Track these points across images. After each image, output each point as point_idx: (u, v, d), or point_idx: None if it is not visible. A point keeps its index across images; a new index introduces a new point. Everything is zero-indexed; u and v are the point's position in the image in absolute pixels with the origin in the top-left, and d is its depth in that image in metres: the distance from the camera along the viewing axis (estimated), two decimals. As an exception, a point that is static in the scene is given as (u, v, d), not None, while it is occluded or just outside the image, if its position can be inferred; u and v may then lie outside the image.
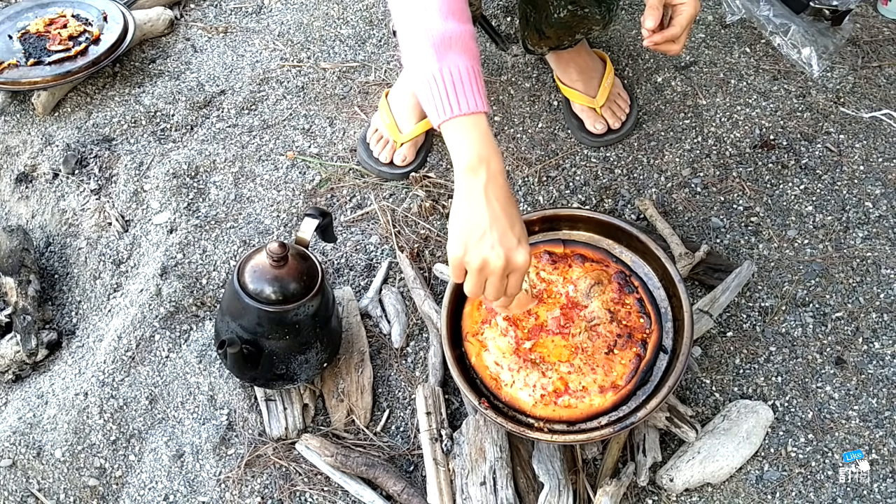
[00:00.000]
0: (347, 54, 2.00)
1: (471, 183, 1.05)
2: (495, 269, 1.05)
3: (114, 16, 1.98)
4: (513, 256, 1.05)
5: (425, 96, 1.07)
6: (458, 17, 1.07)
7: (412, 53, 1.08)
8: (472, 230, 1.05)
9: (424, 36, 1.06)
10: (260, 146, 1.81)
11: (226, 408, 1.41)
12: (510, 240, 1.05)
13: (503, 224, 1.05)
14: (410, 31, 1.08)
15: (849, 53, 1.91)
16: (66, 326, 1.57)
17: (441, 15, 1.06)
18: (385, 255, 1.60)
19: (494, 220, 1.04)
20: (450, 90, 1.05)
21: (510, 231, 1.05)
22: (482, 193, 1.04)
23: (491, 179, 1.05)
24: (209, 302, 1.55)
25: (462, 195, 1.05)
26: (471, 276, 1.07)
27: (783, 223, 1.61)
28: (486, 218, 1.04)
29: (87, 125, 1.86)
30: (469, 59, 1.06)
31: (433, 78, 1.05)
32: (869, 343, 1.44)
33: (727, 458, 1.28)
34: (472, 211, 1.05)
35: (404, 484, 1.29)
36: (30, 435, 1.38)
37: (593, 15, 1.54)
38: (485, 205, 1.04)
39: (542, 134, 1.78)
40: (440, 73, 1.05)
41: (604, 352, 1.25)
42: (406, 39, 1.09)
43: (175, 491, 1.33)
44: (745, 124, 1.77)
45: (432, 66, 1.05)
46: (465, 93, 1.05)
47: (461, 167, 1.05)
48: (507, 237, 1.05)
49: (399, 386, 1.44)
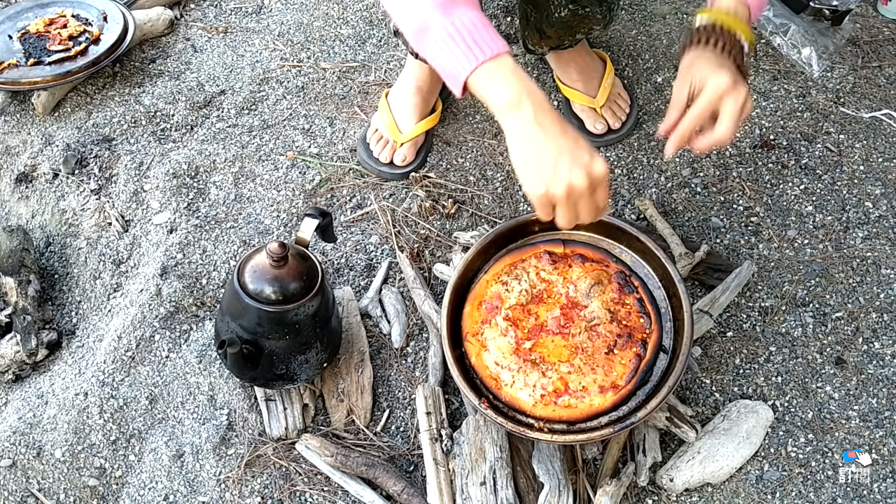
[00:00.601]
0: (347, 54, 2.00)
1: (520, 119, 1.04)
2: (582, 189, 1.03)
3: (114, 16, 1.98)
4: (593, 170, 1.04)
5: (444, 56, 1.06)
6: None
7: (419, 20, 1.08)
8: (543, 164, 1.03)
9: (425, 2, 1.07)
10: (260, 146, 1.81)
11: (226, 408, 1.41)
12: (582, 156, 1.03)
13: (568, 144, 1.03)
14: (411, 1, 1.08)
15: (849, 53, 1.91)
16: (66, 326, 1.57)
17: None
18: (385, 255, 1.60)
19: (559, 145, 1.03)
20: (468, 40, 1.05)
21: (578, 148, 1.03)
22: (535, 125, 1.03)
23: (537, 108, 1.03)
24: (209, 302, 1.55)
25: (516, 135, 1.04)
26: (561, 207, 1.06)
27: (783, 223, 1.61)
28: (551, 146, 1.03)
29: (87, 125, 1.86)
30: (474, 9, 1.07)
31: (448, 35, 1.05)
32: (869, 343, 1.44)
33: (727, 458, 1.28)
34: (534, 146, 1.03)
35: (404, 484, 1.29)
36: (30, 435, 1.38)
37: (594, 14, 1.54)
38: (542, 135, 1.03)
39: (542, 134, 1.78)
40: (454, 28, 1.05)
41: (604, 352, 1.25)
42: (408, 10, 1.09)
43: (175, 491, 1.33)
44: (745, 124, 1.77)
45: (444, 24, 1.05)
46: (483, 39, 1.05)
47: (503, 108, 1.04)
48: (578, 155, 1.03)
49: (399, 386, 1.44)
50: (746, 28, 1.16)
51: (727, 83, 1.09)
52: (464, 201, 1.67)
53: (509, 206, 1.66)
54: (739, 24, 1.16)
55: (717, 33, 1.15)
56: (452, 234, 1.60)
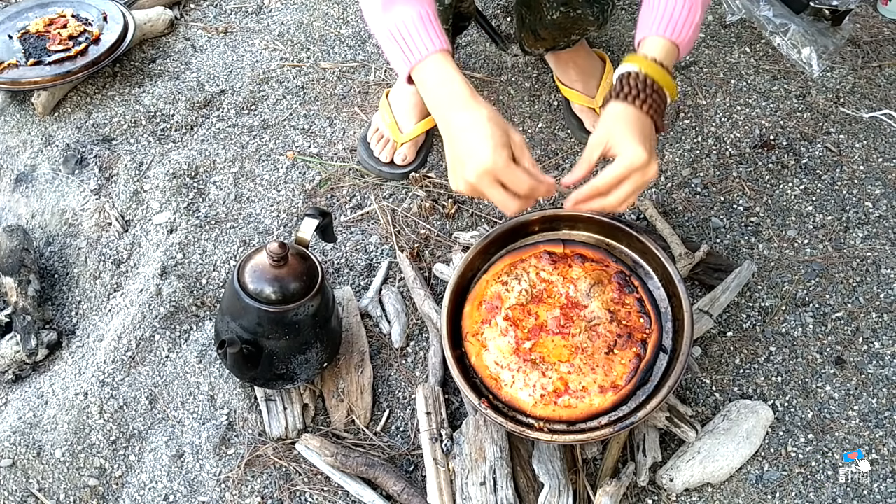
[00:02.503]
0: (347, 54, 2.00)
1: (439, 124, 1.12)
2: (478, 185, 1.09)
3: (114, 16, 1.98)
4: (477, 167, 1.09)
5: (388, 54, 1.14)
6: None
7: (370, 18, 1.15)
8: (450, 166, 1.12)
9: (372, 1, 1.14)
10: (260, 146, 1.81)
11: (226, 408, 1.41)
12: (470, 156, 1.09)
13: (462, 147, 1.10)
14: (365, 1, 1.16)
15: (849, 53, 1.91)
16: (66, 326, 1.57)
17: None
18: (385, 255, 1.60)
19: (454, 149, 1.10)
20: (401, 42, 1.11)
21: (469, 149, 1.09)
22: (444, 130, 1.11)
23: (446, 114, 1.10)
24: (209, 302, 1.55)
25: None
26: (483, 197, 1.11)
27: (783, 223, 1.61)
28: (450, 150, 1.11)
29: (87, 125, 1.86)
30: (416, 5, 1.11)
31: (388, 33, 1.12)
32: (869, 343, 1.44)
33: (727, 458, 1.28)
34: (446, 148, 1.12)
35: (404, 484, 1.29)
36: (30, 435, 1.38)
37: (586, 16, 1.54)
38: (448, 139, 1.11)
39: (542, 134, 1.78)
40: (393, 26, 1.11)
41: (604, 352, 1.25)
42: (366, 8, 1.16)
43: (175, 491, 1.33)
44: (745, 124, 1.77)
45: (384, 22, 1.12)
46: (413, 41, 1.11)
47: (431, 110, 1.13)
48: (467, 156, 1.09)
49: (399, 386, 1.44)
50: (671, 82, 1.15)
51: (641, 161, 1.08)
52: (464, 201, 1.67)
53: (509, 206, 1.66)
54: (665, 78, 1.14)
55: (641, 88, 1.12)
56: (452, 234, 1.60)
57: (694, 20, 1.15)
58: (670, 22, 1.14)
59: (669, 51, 1.15)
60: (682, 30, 1.15)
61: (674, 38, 1.15)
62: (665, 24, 1.14)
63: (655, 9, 1.15)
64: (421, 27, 1.11)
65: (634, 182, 1.10)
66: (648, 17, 1.17)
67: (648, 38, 1.16)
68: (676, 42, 1.15)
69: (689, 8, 1.14)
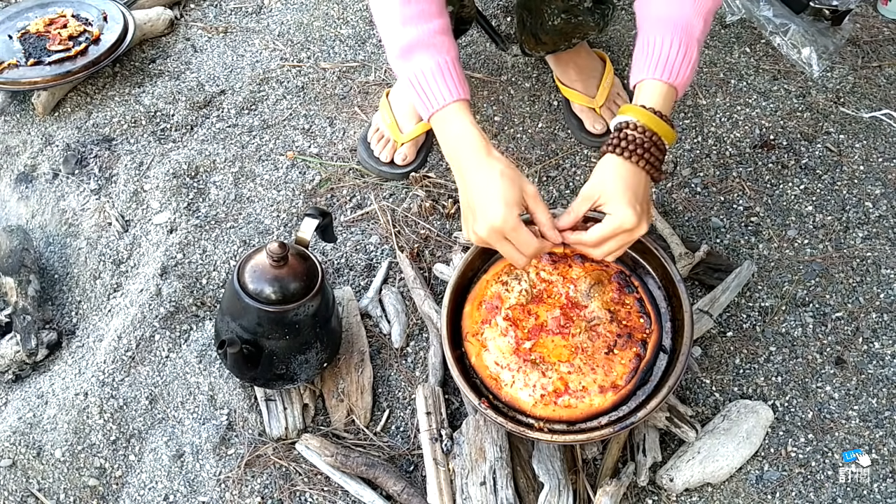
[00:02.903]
0: (347, 54, 2.00)
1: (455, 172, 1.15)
2: (489, 238, 1.12)
3: (114, 16, 1.98)
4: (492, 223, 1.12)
5: (412, 98, 1.16)
6: (418, 20, 1.13)
7: (391, 62, 1.18)
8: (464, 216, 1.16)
9: (391, 47, 1.16)
10: (260, 146, 1.81)
11: (226, 408, 1.40)
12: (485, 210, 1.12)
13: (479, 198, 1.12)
14: (385, 44, 1.19)
15: (849, 53, 1.91)
16: (66, 326, 1.57)
17: (400, 23, 1.14)
18: (385, 255, 1.60)
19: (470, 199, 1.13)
20: (419, 92, 1.14)
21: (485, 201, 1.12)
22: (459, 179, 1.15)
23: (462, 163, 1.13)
24: (209, 302, 1.55)
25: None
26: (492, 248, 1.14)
27: (783, 223, 1.61)
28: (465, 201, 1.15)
29: (87, 125, 1.86)
30: (436, 55, 1.13)
31: (408, 81, 1.15)
32: (869, 343, 1.44)
33: (727, 458, 1.28)
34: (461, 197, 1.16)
35: (404, 484, 1.29)
36: (30, 435, 1.38)
37: (587, 22, 1.55)
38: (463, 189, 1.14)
39: (542, 134, 1.78)
40: (412, 75, 1.14)
41: (604, 352, 1.25)
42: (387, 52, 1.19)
43: (175, 491, 1.33)
44: (745, 124, 1.78)
45: (405, 70, 1.15)
46: (432, 91, 1.13)
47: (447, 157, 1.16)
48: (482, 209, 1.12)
49: (399, 386, 1.44)
50: (669, 130, 1.12)
51: (630, 225, 1.09)
52: (464, 201, 1.67)
53: (509, 206, 1.66)
54: (663, 128, 1.11)
55: (639, 143, 1.10)
56: (452, 234, 1.60)
57: (691, 60, 1.12)
58: (667, 65, 1.11)
59: (667, 94, 1.12)
60: (680, 71, 1.11)
61: (671, 80, 1.11)
62: (661, 68, 1.11)
63: (651, 51, 1.12)
64: (440, 77, 1.12)
65: (621, 240, 1.11)
66: (643, 59, 1.13)
67: (645, 81, 1.13)
68: (674, 84, 1.12)
69: (685, 49, 1.11)
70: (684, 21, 1.11)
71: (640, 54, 1.14)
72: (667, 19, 1.12)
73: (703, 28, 1.13)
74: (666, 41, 1.11)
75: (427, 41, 1.13)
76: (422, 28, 1.13)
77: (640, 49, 1.14)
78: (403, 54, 1.14)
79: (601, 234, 1.11)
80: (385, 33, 1.18)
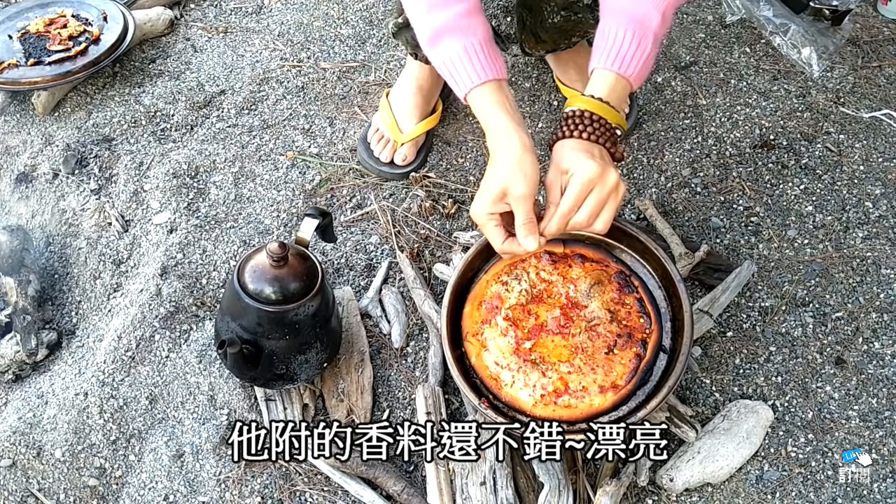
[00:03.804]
0: (347, 54, 2.00)
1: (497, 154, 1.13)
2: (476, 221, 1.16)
3: (114, 16, 1.98)
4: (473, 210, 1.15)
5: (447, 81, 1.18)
6: (443, 4, 1.15)
7: (425, 52, 1.19)
8: None
9: (421, 34, 1.18)
10: (260, 146, 1.81)
11: (226, 408, 1.40)
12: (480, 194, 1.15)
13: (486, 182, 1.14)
14: (415, 32, 1.20)
15: (849, 53, 1.91)
16: (66, 326, 1.57)
17: (426, 9, 1.16)
18: (385, 255, 1.60)
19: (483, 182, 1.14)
20: (449, 75, 1.16)
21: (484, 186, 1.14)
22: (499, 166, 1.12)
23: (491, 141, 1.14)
24: (209, 302, 1.55)
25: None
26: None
27: (783, 223, 1.61)
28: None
29: (87, 125, 1.86)
30: (462, 39, 1.14)
31: (439, 65, 1.17)
32: (869, 343, 1.44)
33: (727, 458, 1.28)
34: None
35: (404, 484, 1.29)
36: (30, 435, 1.38)
37: (587, 20, 1.55)
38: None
39: (543, 134, 1.78)
40: (440, 61, 1.16)
41: (604, 352, 1.25)
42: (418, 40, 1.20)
43: (175, 491, 1.33)
44: (745, 124, 1.78)
45: (433, 56, 1.17)
46: (460, 73, 1.15)
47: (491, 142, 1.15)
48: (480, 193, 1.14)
49: (399, 386, 1.44)
50: (616, 115, 1.13)
51: (594, 172, 1.06)
52: (464, 201, 1.67)
53: (509, 206, 1.66)
54: (610, 113, 1.13)
55: (586, 122, 1.12)
56: (452, 234, 1.60)
57: (643, 54, 1.12)
58: (618, 56, 1.12)
59: (616, 85, 1.13)
60: (631, 64, 1.12)
61: (622, 71, 1.12)
62: (613, 58, 1.12)
63: (605, 43, 1.13)
64: (466, 61, 1.13)
65: (598, 195, 1.08)
66: (599, 46, 1.15)
67: (597, 70, 1.15)
68: (626, 76, 1.13)
69: (637, 42, 1.12)
70: (641, 15, 1.13)
71: (597, 45, 1.16)
72: (624, 12, 1.13)
73: (660, 22, 1.14)
74: (620, 33, 1.12)
75: (453, 25, 1.14)
76: (447, 12, 1.14)
77: (597, 40, 1.16)
78: (431, 41, 1.16)
79: (572, 194, 1.08)
80: (414, 22, 1.19)
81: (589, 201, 1.08)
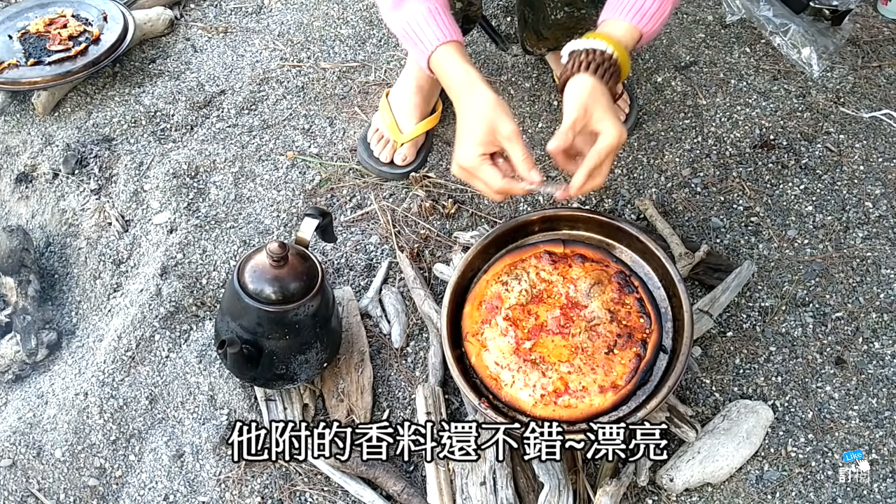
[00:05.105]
0: (347, 54, 2.00)
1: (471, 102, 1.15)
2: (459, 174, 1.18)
3: (114, 16, 1.98)
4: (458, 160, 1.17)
5: (407, 48, 1.23)
6: None
7: (385, 16, 1.24)
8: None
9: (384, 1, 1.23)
10: (260, 146, 1.81)
11: (226, 408, 1.41)
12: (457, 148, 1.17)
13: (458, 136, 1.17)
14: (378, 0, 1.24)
15: (849, 53, 1.91)
16: (66, 326, 1.57)
17: None
18: (385, 255, 1.60)
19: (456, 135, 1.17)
20: (414, 37, 1.20)
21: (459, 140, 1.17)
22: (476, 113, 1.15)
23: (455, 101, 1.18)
24: (209, 302, 1.55)
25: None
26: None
27: (783, 223, 1.61)
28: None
29: (87, 125, 1.86)
30: (425, 1, 1.19)
31: (402, 30, 1.21)
32: (869, 343, 1.44)
33: (727, 457, 1.28)
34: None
35: (404, 484, 1.29)
36: (30, 435, 1.38)
37: (590, 16, 1.54)
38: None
39: (542, 134, 1.78)
40: (406, 23, 1.20)
41: (604, 352, 1.25)
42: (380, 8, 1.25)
43: (175, 491, 1.33)
44: (745, 124, 1.77)
45: (397, 20, 1.21)
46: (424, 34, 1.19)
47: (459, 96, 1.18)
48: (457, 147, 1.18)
49: (399, 386, 1.44)
50: (628, 65, 1.17)
51: (622, 138, 1.10)
52: (464, 201, 1.67)
53: (509, 206, 1.66)
54: (626, 61, 1.16)
55: (609, 67, 1.13)
56: (452, 234, 1.60)
57: (662, 15, 1.17)
58: (639, 11, 1.16)
59: (633, 36, 1.18)
60: (650, 21, 1.17)
61: (640, 26, 1.17)
62: (635, 13, 1.17)
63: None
64: (431, 21, 1.18)
65: (612, 158, 1.13)
66: (618, 2, 1.18)
67: (612, 20, 1.18)
68: (642, 31, 1.17)
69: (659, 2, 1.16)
70: None
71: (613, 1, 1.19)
72: None
73: None
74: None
75: None
76: None
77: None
78: (395, 4, 1.21)
79: (600, 154, 1.11)
80: None
81: (607, 164, 1.13)
